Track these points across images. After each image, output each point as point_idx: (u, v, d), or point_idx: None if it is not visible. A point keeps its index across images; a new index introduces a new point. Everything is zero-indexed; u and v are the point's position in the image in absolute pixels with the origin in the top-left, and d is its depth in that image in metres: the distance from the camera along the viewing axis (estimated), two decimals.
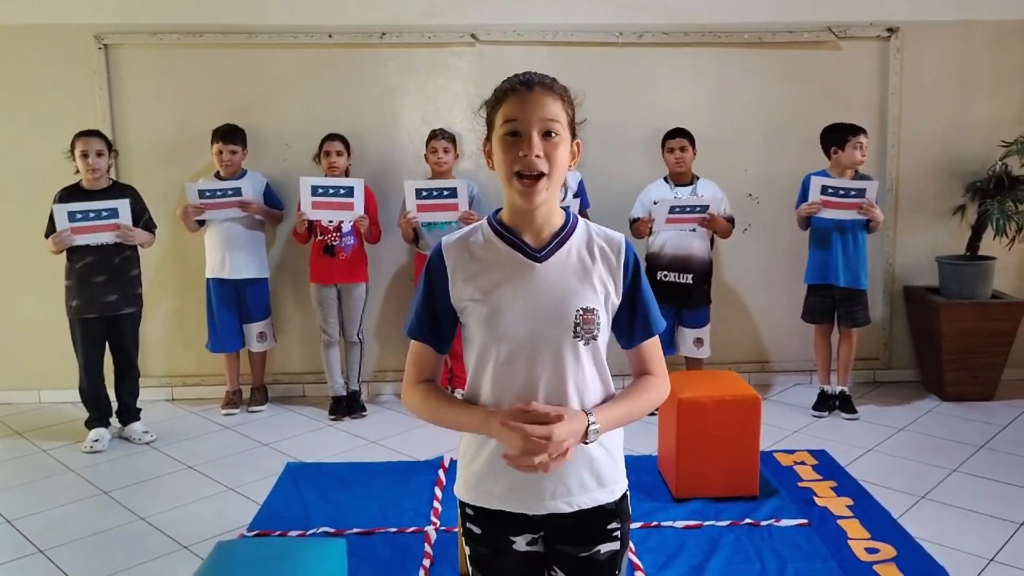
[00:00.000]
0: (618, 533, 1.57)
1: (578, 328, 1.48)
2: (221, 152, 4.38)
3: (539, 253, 1.51)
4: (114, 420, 4.27)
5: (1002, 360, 4.54)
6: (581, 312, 1.49)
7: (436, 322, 1.56)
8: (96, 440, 4.10)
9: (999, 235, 4.39)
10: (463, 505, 1.59)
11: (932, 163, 4.75)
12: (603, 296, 1.52)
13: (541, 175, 1.46)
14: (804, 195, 4.29)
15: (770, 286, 4.86)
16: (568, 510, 1.52)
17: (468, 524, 1.59)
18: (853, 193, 4.14)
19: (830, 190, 4.17)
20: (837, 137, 4.24)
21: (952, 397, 4.54)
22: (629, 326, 1.57)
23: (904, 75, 4.66)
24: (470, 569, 1.61)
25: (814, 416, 4.37)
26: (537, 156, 1.45)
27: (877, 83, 4.71)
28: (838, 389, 4.43)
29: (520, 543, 1.56)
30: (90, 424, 4.17)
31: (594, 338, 1.50)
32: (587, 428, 1.46)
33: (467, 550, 1.61)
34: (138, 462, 3.95)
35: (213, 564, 2.02)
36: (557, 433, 1.40)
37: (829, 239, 4.25)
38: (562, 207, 1.58)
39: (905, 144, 4.73)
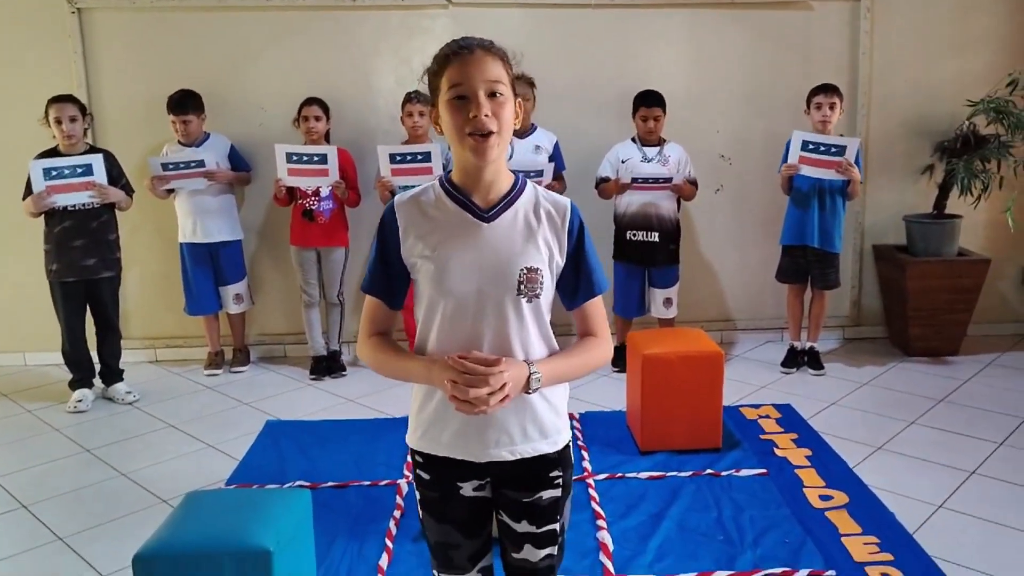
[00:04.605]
0: (560, 481, 1.66)
1: (521, 286, 1.55)
2: (175, 123, 4.41)
3: (486, 213, 1.57)
4: (98, 381, 4.36)
5: (966, 316, 4.64)
6: (525, 271, 1.55)
7: (389, 278, 1.62)
8: (80, 400, 4.19)
9: (964, 194, 4.47)
10: (413, 453, 1.68)
11: (901, 123, 4.81)
12: (547, 257, 1.58)
13: (491, 133, 1.51)
14: (788, 154, 4.33)
15: (742, 246, 4.93)
16: (511, 458, 1.60)
17: (418, 471, 1.68)
18: (834, 150, 4.18)
19: (811, 145, 4.21)
20: (808, 100, 4.30)
21: (917, 353, 4.65)
22: (573, 287, 1.63)
23: (875, 35, 4.69)
24: (420, 513, 1.71)
25: (782, 372, 4.48)
26: (486, 116, 1.50)
27: (848, 44, 4.74)
28: (807, 345, 4.54)
29: (467, 488, 1.65)
30: (73, 385, 4.26)
31: (536, 296, 1.57)
32: (529, 377, 1.53)
33: (417, 495, 1.70)
34: (121, 421, 4.05)
35: (181, 512, 2.12)
36: (495, 375, 1.46)
37: (808, 200, 4.30)
38: (512, 171, 1.64)
39: (876, 104, 4.78)
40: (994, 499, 3.07)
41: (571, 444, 1.69)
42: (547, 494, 1.64)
